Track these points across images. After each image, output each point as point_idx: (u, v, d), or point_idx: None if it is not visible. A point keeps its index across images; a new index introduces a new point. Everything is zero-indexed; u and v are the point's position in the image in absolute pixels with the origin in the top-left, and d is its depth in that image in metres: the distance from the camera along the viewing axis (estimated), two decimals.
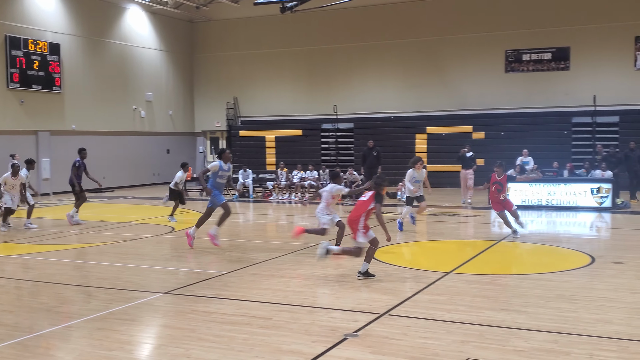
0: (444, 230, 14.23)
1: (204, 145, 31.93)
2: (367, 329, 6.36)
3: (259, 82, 30.01)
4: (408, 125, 26.40)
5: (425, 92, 26.61)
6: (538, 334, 6.18)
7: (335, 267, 9.57)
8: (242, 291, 8.09)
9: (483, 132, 24.81)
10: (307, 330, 6.33)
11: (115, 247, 11.84)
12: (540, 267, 9.89)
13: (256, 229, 15.44)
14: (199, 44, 31.55)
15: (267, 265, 9.80)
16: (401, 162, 25.40)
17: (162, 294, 7.99)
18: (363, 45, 27.74)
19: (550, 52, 24.67)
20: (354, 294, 7.87)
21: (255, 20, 29.40)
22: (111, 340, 6.16)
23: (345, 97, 27.83)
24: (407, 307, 7.22)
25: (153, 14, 29.07)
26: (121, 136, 27.29)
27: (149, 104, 29.04)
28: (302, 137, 28.36)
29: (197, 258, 10.84)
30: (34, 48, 23.37)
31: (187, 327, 6.51)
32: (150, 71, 29.20)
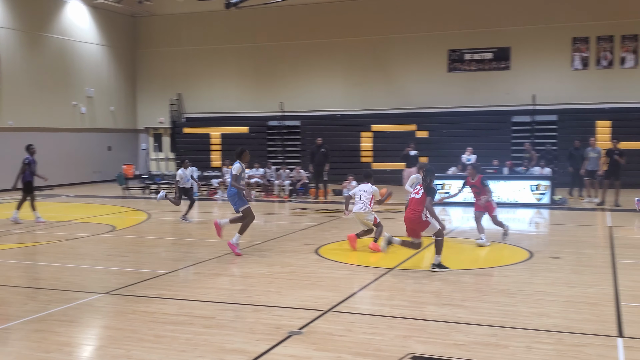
0: (388, 226, 14.39)
1: (146, 142, 31.35)
2: (311, 326, 6.39)
3: (203, 78, 29.67)
4: (354, 123, 26.63)
5: (370, 90, 26.88)
6: (478, 327, 6.35)
7: (279, 265, 9.58)
8: (185, 290, 8.00)
9: (427, 130, 25.26)
10: (251, 329, 6.32)
11: (54, 247, 11.52)
12: (480, 262, 10.15)
13: (201, 227, 15.25)
14: (142, 39, 30.95)
15: (212, 264, 9.73)
16: (347, 159, 25.76)
17: (102, 295, 7.82)
18: (309, 42, 27.79)
19: (491, 52, 25.30)
20: (299, 292, 7.89)
21: (200, 15, 29.05)
22: (49, 342, 6.00)
23: (291, 94, 27.83)
24: (351, 304, 7.30)
25: (94, 8, 28.34)
26: (61, 133, 26.52)
27: (89, 100, 28.31)
28: (248, 135, 28.22)
29: (138, 257, 10.66)
30: None
31: (128, 328, 6.40)
32: (92, 66, 28.47)
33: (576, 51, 24.31)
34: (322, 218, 15.43)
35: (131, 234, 13.35)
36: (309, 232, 13.29)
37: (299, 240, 11.94)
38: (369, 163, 25.99)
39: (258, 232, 13.38)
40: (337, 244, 11.50)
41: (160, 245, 12.08)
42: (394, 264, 9.56)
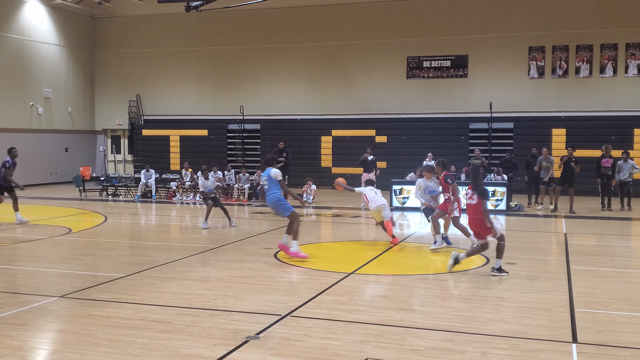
0: (346, 231, 14.52)
1: (104, 144, 30.86)
2: (269, 331, 6.41)
3: (163, 80, 29.39)
4: (314, 127, 26.73)
5: (330, 95, 27.02)
6: (434, 333, 6.43)
7: (238, 270, 9.56)
8: (142, 294, 7.93)
9: (385, 136, 25.52)
10: (208, 334, 6.30)
11: (9, 249, 11.26)
12: (437, 267, 10.29)
13: (158, 231, 15.12)
14: (101, 40, 30.47)
15: (169, 268, 9.65)
16: (307, 163, 25.83)
17: (57, 298, 7.70)
18: (269, 47, 27.80)
19: (449, 60, 25.72)
20: (257, 296, 7.89)
21: (159, 18, 28.77)
22: (2, 346, 5.89)
23: (252, 98, 27.78)
24: (309, 308, 7.32)
25: (52, 9, 27.80)
26: (17, 133, 25.89)
27: (47, 101, 27.74)
28: (208, 137, 28.06)
29: (94, 261, 10.51)
30: None
31: (82, 332, 6.32)
32: (49, 67, 27.91)
33: (532, 60, 24.90)
34: (282, 222, 15.42)
35: (87, 237, 13.14)
36: (268, 236, 13.29)
37: (258, 244, 11.94)
38: (329, 167, 26.11)
39: (216, 236, 13.33)
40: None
41: (117, 248, 11.92)
42: (353, 268, 9.64)
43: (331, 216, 17.22)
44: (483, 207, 9.10)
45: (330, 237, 14.12)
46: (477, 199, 9.15)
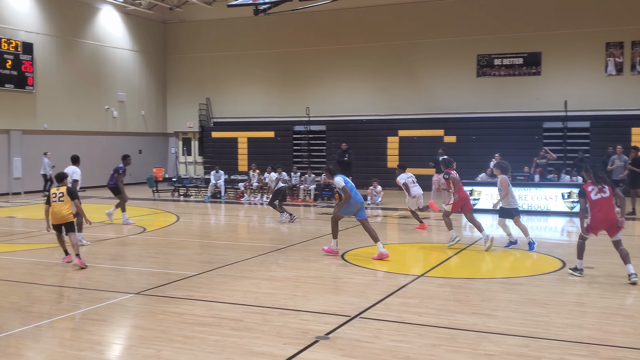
0: (414, 233, 14.33)
1: (176, 146, 31.70)
2: (338, 332, 6.38)
3: (231, 83, 29.92)
4: (380, 128, 26.59)
5: (397, 95, 26.81)
6: (509, 337, 6.24)
7: (305, 270, 9.59)
8: (213, 292, 8.06)
9: (455, 135, 25.09)
10: (278, 332, 6.34)
11: (86, 247, 11.70)
12: (511, 271, 10.02)
13: (228, 230, 15.37)
14: (172, 45, 31.33)
15: (239, 267, 9.78)
16: (373, 164, 25.70)
17: (133, 295, 7.93)
18: (335, 48, 27.84)
19: (522, 57, 25.06)
20: (325, 297, 7.89)
21: (228, 22, 29.30)
22: (82, 340, 6.11)
23: (317, 99, 27.91)
24: (378, 310, 7.25)
25: (126, 15, 28.80)
26: (93, 136, 26.97)
27: (121, 104, 28.75)
28: (274, 139, 28.35)
29: (167, 259, 10.78)
30: (7, 47, 23.01)
31: (157, 328, 6.48)
32: (123, 71, 28.91)
33: (610, 56, 23.94)
34: (348, 223, 15.39)
35: (161, 236, 13.51)
36: None
37: (324, 245, 11.92)
38: (395, 168, 25.82)
39: (284, 236, 13.43)
40: (363, 250, 11.47)
41: (189, 247, 12.19)
42: (422, 271, 9.50)
43: (398, 217, 17.05)
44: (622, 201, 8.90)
45: (397, 239, 13.97)
46: (609, 191, 8.78)
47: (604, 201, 8.77)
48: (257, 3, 14.80)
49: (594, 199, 8.83)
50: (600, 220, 8.80)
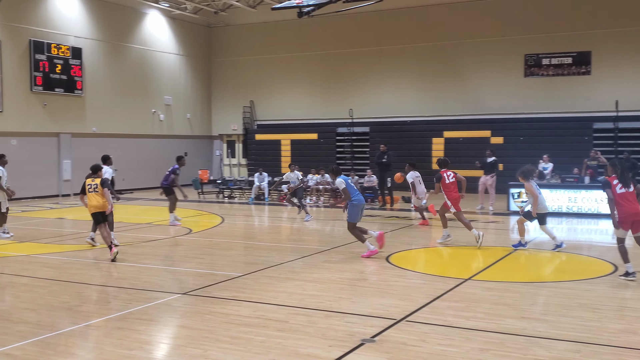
0: (460, 235, 14.13)
1: (220, 149, 32.08)
2: (384, 335, 6.33)
3: (275, 86, 30.12)
4: (425, 129, 26.35)
5: (442, 96, 26.54)
6: (559, 343, 6.10)
7: (350, 272, 9.56)
8: (258, 293, 8.10)
9: (502, 136, 24.67)
10: (323, 334, 6.32)
11: (134, 248, 11.93)
12: (561, 275, 9.79)
13: (271, 232, 15.45)
14: (217, 48, 31.73)
15: (283, 268, 9.82)
16: (417, 166, 25.12)
17: (180, 295, 8.03)
18: (379, 49, 27.74)
19: (570, 57, 24.49)
20: (370, 299, 7.84)
21: (272, 25, 29.50)
22: (131, 339, 6.21)
23: (361, 100, 27.84)
24: (424, 314, 7.17)
25: (172, 19, 29.30)
26: (140, 139, 27.51)
27: (167, 108, 29.25)
28: (318, 141, 28.40)
29: (213, 260, 10.89)
30: (56, 52, 23.65)
31: (204, 328, 6.54)
32: (169, 75, 29.41)
33: None
34: (392, 225, 15.32)
35: (206, 237, 13.67)
36: None
37: (363, 250, 11.85)
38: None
39: (327, 238, 13.43)
40: (408, 252, 11.38)
41: (234, 248, 12.30)
42: (469, 274, 9.36)
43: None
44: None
45: (444, 242, 13.79)
46: (633, 186, 8.84)
47: (629, 195, 8.81)
48: (301, 5, 14.82)
49: (619, 193, 8.82)
50: (630, 213, 8.77)
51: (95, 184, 11.13)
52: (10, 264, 10.44)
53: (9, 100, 22.08)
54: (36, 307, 7.50)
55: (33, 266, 10.30)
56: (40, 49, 23.07)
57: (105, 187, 11.10)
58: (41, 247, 12.25)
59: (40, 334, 6.36)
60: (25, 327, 6.63)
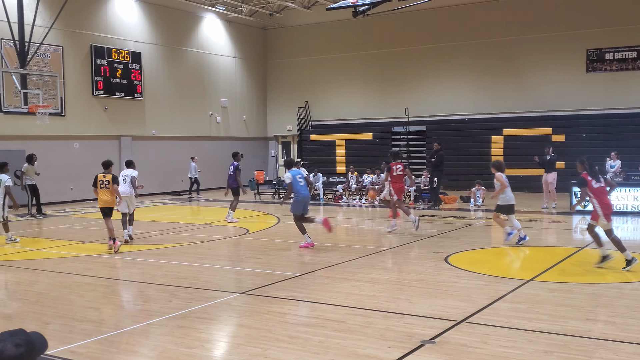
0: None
1: (275, 150, 32.34)
2: (444, 336, 6.22)
3: (329, 86, 30.15)
4: (483, 127, 25.88)
5: (500, 93, 26.01)
6: (627, 345, 5.87)
7: (408, 273, 9.46)
8: (316, 293, 8.10)
9: (563, 134, 23.99)
10: (382, 335, 6.26)
11: (194, 248, 12.14)
12: (627, 276, 9.42)
13: (327, 232, 15.43)
14: (272, 50, 32.00)
15: (340, 268, 9.79)
16: (476, 165, 25.06)
17: (238, 294, 8.11)
18: (435, 47, 27.40)
19: (635, 51, 23.57)
20: (429, 300, 7.73)
21: (327, 25, 29.55)
22: (192, 338, 6.30)
23: (417, 99, 27.57)
24: (485, 315, 7.02)
25: (228, 22, 29.72)
26: (198, 141, 28.01)
27: (224, 110, 29.69)
28: (373, 141, 28.26)
29: (270, 260, 10.96)
30: (117, 57, 24.34)
31: (263, 327, 6.58)
32: (226, 78, 29.84)
33: None
34: (450, 225, 15.09)
35: (263, 237, 13.79)
36: (436, 239, 13.02)
37: (426, 248, 11.73)
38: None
39: (384, 238, 13.33)
40: (468, 253, 11.18)
41: (290, 248, 12.35)
42: (531, 275, 9.11)
43: (503, 220, 16.45)
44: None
45: (503, 242, 13.50)
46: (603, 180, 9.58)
47: (603, 188, 9.50)
48: (356, 5, 14.79)
49: (596, 187, 9.47)
50: (608, 204, 9.52)
51: (107, 180, 11.99)
52: (75, 264, 10.77)
53: (71, 105, 22.84)
54: (99, 306, 7.71)
55: (96, 266, 10.61)
56: (101, 54, 23.79)
57: (115, 183, 12.00)
58: (103, 247, 12.60)
59: (104, 332, 6.53)
60: (89, 325, 6.82)
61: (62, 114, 22.35)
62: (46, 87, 20.95)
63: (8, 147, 19.91)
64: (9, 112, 19.30)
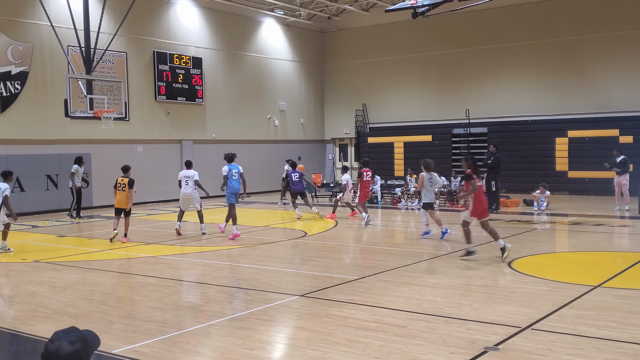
0: (587, 240, 13.34)
1: (332, 152, 32.37)
2: (508, 343, 6.05)
3: (388, 88, 29.97)
4: (547, 129, 25.18)
5: (565, 93, 25.25)
6: None
7: (469, 278, 9.26)
8: (375, 297, 8.03)
9: (631, 135, 23.06)
10: (444, 341, 6.14)
11: (253, 250, 12.25)
12: None
13: (386, 235, 15.32)
14: (329, 53, 32.07)
15: (399, 272, 9.68)
16: (539, 167, 24.43)
17: (297, 297, 8.12)
18: (497, 47, 26.85)
19: None
20: (492, 306, 7.54)
21: (385, 27, 29.39)
22: (252, 339, 6.34)
23: (478, 100, 27.07)
24: (551, 322, 6.80)
25: (286, 26, 29.96)
26: (256, 144, 28.33)
27: (282, 113, 29.93)
28: (432, 143, 27.90)
29: (328, 263, 10.94)
30: (178, 62, 24.88)
31: (323, 331, 6.56)
32: (284, 82, 30.08)
33: None
34: (514, 230, 14.72)
35: (321, 240, 13.79)
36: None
37: (489, 253, 11.46)
38: (565, 171, 24.39)
39: (444, 242, 13.12)
40: (532, 258, 10.87)
41: (348, 251, 12.31)
42: (598, 281, 8.77)
43: (568, 224, 15.98)
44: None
45: (569, 247, 13.10)
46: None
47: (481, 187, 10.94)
48: (415, 6, 14.63)
49: (479, 185, 10.77)
50: (485, 201, 10.97)
51: (123, 184, 13.23)
52: (138, 265, 11.04)
53: (134, 110, 23.48)
54: (163, 307, 7.85)
55: (159, 267, 10.84)
56: (163, 60, 24.37)
57: (131, 187, 13.24)
58: (166, 248, 12.88)
59: (167, 332, 6.64)
60: (153, 325, 6.95)
61: (126, 119, 22.98)
62: (111, 93, 21.58)
63: (74, 151, 20.60)
64: (75, 117, 19.97)
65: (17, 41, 20.01)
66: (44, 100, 20.62)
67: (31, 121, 20.39)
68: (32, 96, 20.39)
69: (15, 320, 7.28)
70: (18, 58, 19.97)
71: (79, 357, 2.26)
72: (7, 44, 19.72)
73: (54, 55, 20.71)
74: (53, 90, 20.64)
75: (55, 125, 20.82)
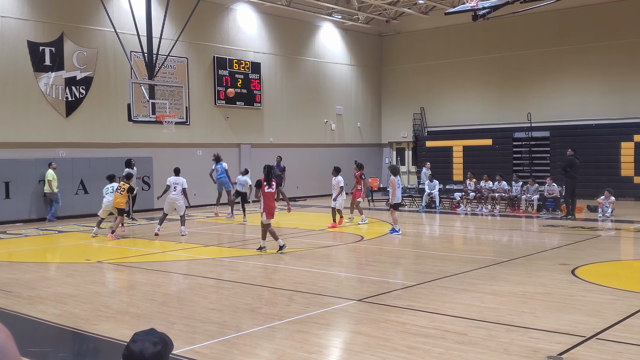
0: None
1: (389, 156, 32.17)
2: (572, 353, 5.87)
3: (446, 91, 29.60)
4: (612, 133, 24.34)
5: (632, 97, 24.34)
6: None
7: (532, 285, 9.03)
8: (434, 304, 7.92)
9: None
10: (505, 349, 6.00)
11: (310, 253, 12.29)
12: None
13: (444, 241, 15.11)
14: (387, 56, 31.91)
15: (459, 279, 9.52)
16: (604, 172, 23.63)
17: (355, 301, 8.09)
18: (559, 49, 26.14)
19: None
20: (555, 314, 7.32)
21: (444, 30, 29.06)
22: (310, 343, 6.35)
23: (540, 104, 26.41)
24: (617, 332, 6.57)
25: (344, 30, 30.00)
26: (313, 148, 28.44)
27: (339, 117, 29.95)
28: (492, 147, 27.36)
29: (385, 268, 10.87)
30: (237, 67, 25.25)
31: (381, 336, 6.51)
32: (341, 86, 30.11)
33: None
34: (577, 236, 14.28)
35: (378, 245, 13.71)
36: (562, 250, 12.35)
37: (551, 260, 11.16)
38: (631, 177, 23.51)
39: (504, 249, 12.86)
40: (597, 265, 10.52)
41: (406, 257, 12.20)
42: None
43: (634, 231, 15.38)
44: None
45: (634, 255, 12.60)
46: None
47: (272, 194, 12.15)
48: (476, 9, 14.42)
49: (267, 192, 12.06)
50: (273, 206, 12.15)
51: (122, 188, 14.99)
52: (199, 267, 11.24)
53: (195, 114, 23.94)
54: (222, 308, 7.96)
55: (218, 269, 11.00)
56: (223, 65, 24.78)
57: (130, 192, 15.32)
58: (225, 250, 13.07)
59: (226, 334, 6.73)
60: (212, 326, 7.05)
61: (187, 123, 23.47)
62: (172, 97, 22.10)
63: (136, 154, 21.16)
64: (138, 121, 20.52)
65: (82, 47, 20.72)
66: (107, 104, 21.26)
67: (95, 125, 21.06)
68: (96, 101, 21.06)
69: (78, 319, 7.51)
70: (83, 63, 20.67)
71: (160, 359, 2.32)
72: (73, 50, 20.44)
73: (117, 60, 21.34)
74: (116, 95, 21.27)
75: (119, 129, 21.44)
